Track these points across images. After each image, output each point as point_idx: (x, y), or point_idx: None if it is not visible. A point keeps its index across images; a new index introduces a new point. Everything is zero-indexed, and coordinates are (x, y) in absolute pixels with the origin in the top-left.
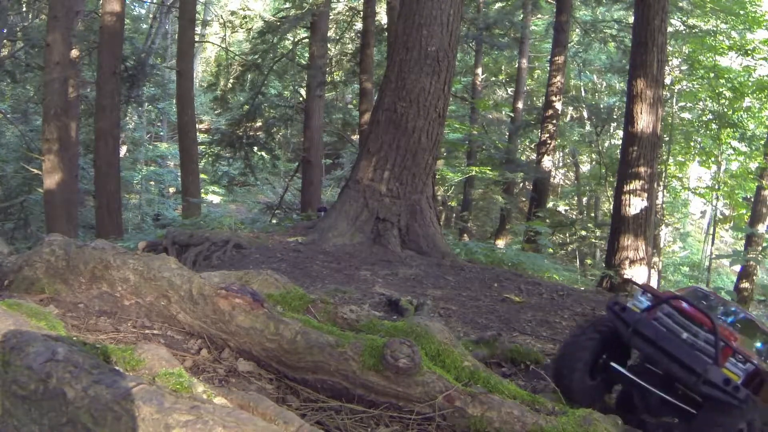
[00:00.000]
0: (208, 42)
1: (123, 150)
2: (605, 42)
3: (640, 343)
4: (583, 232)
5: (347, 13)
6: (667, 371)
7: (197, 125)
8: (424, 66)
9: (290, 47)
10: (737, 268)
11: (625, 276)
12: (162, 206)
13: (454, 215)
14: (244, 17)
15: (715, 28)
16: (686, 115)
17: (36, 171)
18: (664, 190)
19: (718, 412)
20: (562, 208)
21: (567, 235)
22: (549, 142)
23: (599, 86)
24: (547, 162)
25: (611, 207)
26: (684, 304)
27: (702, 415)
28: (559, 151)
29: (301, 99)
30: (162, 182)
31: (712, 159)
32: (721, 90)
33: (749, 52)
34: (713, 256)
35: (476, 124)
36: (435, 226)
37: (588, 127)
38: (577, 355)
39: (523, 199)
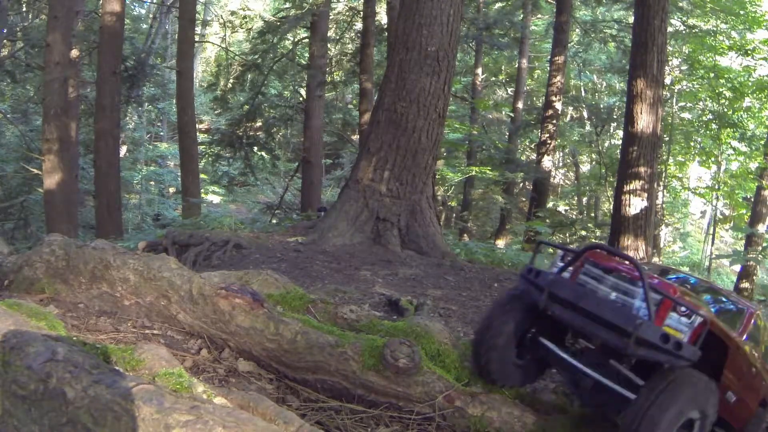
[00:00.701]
0: (208, 42)
1: (123, 150)
2: (605, 42)
3: (558, 310)
4: (583, 232)
5: (347, 13)
6: (594, 337)
7: (197, 125)
8: (424, 66)
9: (290, 47)
10: (737, 268)
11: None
12: (162, 206)
13: (454, 215)
14: (244, 17)
15: (715, 28)
16: (686, 115)
17: (36, 171)
18: (664, 190)
19: (659, 394)
20: (562, 208)
21: (567, 235)
22: (549, 142)
23: (599, 86)
24: (547, 162)
25: (611, 207)
26: (604, 257)
27: (638, 399)
28: (559, 151)
29: (301, 99)
30: (162, 182)
31: (712, 159)
32: (721, 90)
33: (749, 52)
34: (713, 256)
35: (476, 124)
36: (435, 226)
37: (588, 127)
38: (495, 332)
39: (523, 199)
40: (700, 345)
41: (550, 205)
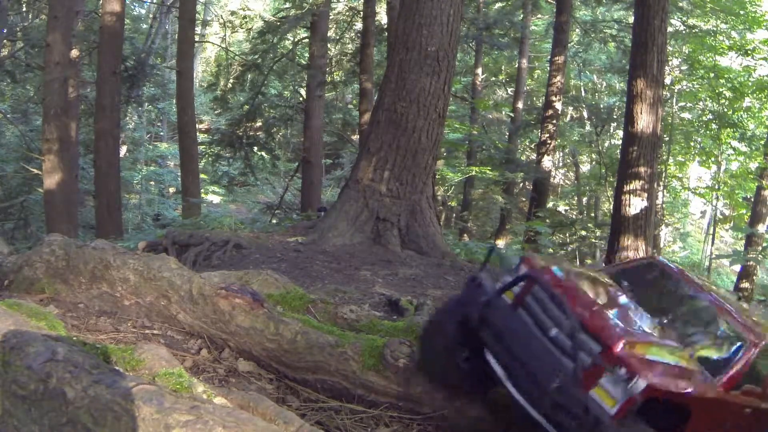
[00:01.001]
0: (208, 42)
1: (123, 150)
2: (605, 42)
3: (487, 336)
4: (583, 232)
5: (347, 13)
6: (517, 384)
7: (197, 125)
8: (424, 66)
9: (290, 47)
10: (737, 268)
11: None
12: (162, 206)
13: (454, 215)
14: (244, 17)
15: (715, 28)
16: (686, 115)
17: (36, 171)
18: (664, 190)
19: None
20: (562, 208)
21: (567, 235)
22: (549, 142)
23: (599, 86)
24: (547, 162)
25: (611, 207)
26: (554, 282)
27: None
28: (559, 151)
29: (301, 99)
30: (162, 182)
31: (712, 159)
32: (721, 90)
33: (749, 52)
34: (713, 256)
35: (476, 124)
36: (435, 226)
37: (588, 127)
38: (438, 330)
39: (523, 199)
40: (643, 410)
41: (550, 205)
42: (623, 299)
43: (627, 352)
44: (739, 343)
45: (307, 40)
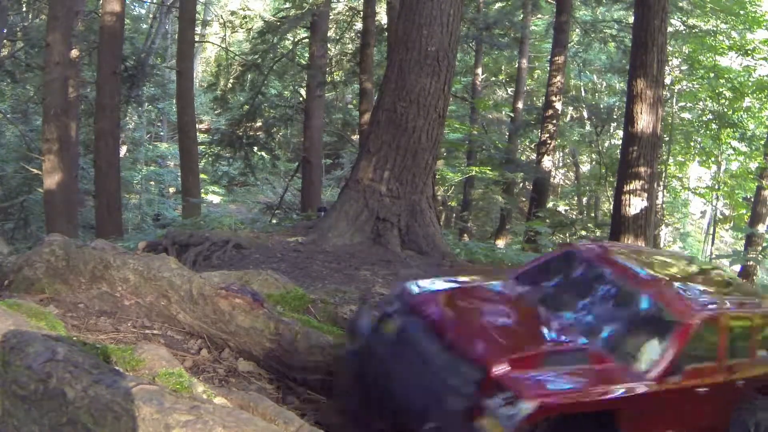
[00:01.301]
0: (208, 42)
1: (123, 150)
2: (605, 42)
3: (372, 382)
4: (583, 232)
5: (347, 13)
6: (393, 423)
7: (197, 125)
8: (424, 66)
9: (290, 47)
10: (737, 268)
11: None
12: (162, 206)
13: (454, 215)
14: (244, 17)
15: (715, 28)
16: (686, 115)
17: (36, 171)
18: (664, 190)
19: None
20: (562, 208)
21: (567, 235)
22: (549, 142)
23: (599, 86)
24: (547, 162)
25: (611, 207)
26: (431, 309)
27: None
28: (559, 151)
29: (301, 99)
30: (162, 182)
31: (712, 159)
32: (721, 90)
33: (749, 52)
34: (713, 256)
35: (476, 124)
36: (435, 226)
37: (588, 127)
38: (341, 379)
39: (523, 199)
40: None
41: (550, 205)
42: (523, 307)
43: (508, 372)
44: (669, 325)
45: (307, 40)
